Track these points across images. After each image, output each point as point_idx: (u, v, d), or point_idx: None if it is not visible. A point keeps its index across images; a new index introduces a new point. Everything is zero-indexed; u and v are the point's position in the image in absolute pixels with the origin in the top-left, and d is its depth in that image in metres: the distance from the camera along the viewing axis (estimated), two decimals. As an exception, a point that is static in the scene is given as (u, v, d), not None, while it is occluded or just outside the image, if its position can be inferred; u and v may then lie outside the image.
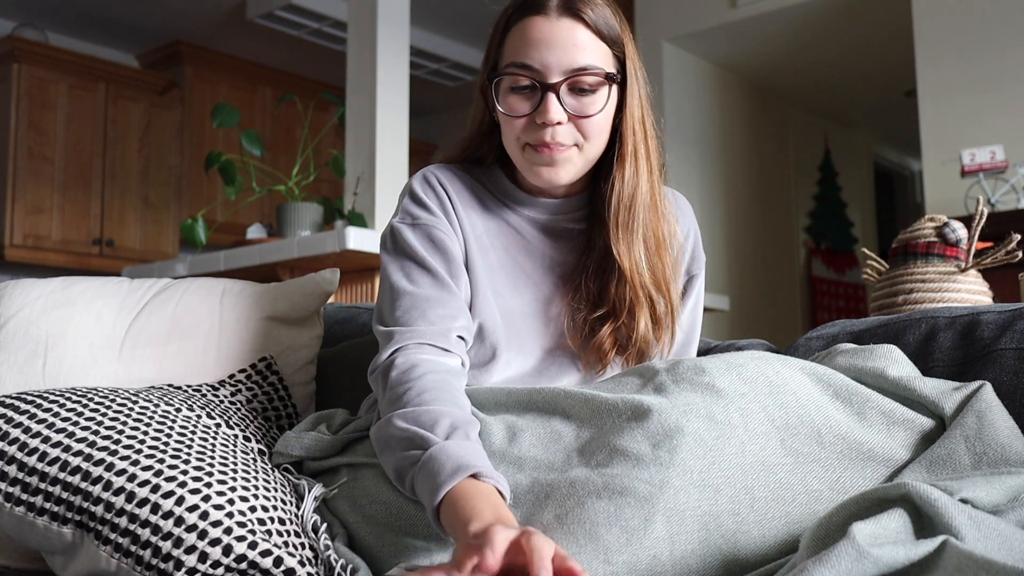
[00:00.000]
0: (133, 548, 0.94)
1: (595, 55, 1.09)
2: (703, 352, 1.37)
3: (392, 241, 1.15)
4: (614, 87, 1.12)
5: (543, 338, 1.16)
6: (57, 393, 1.08)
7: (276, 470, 1.10)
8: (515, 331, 1.14)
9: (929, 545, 0.69)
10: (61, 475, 0.99)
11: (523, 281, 1.17)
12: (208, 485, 0.97)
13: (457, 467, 0.87)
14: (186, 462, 1.00)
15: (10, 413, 1.03)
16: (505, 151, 1.18)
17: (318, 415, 1.18)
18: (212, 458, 1.02)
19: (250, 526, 0.95)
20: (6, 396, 1.07)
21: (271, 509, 0.99)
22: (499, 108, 1.11)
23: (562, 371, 1.16)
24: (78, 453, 1.00)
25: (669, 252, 1.18)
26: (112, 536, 0.95)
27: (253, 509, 0.97)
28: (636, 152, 1.14)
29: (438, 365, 1.03)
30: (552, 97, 1.08)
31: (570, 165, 1.12)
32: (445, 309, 1.08)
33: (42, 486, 0.99)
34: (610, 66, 1.11)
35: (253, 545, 0.93)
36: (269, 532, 0.96)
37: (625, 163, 1.14)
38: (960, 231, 1.76)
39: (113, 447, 1.00)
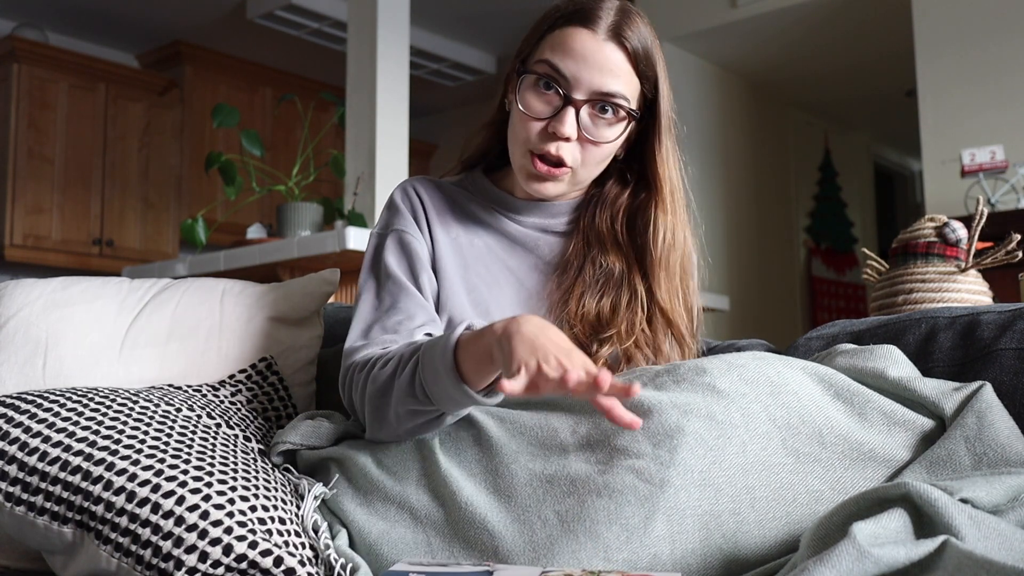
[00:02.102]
0: (133, 548, 0.94)
1: (627, 86, 1.10)
2: (703, 352, 1.37)
3: (368, 254, 1.20)
4: (632, 125, 1.13)
5: None
6: (57, 393, 1.08)
7: (276, 470, 1.10)
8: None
9: (929, 545, 0.69)
10: (61, 475, 0.99)
11: (504, 277, 1.18)
12: (208, 485, 0.97)
13: (452, 329, 0.94)
14: (186, 462, 1.00)
15: (10, 413, 1.03)
16: (500, 148, 1.20)
17: (312, 412, 1.19)
18: (212, 458, 1.03)
19: (250, 526, 0.95)
20: (6, 396, 1.07)
21: (271, 509, 0.99)
22: (517, 104, 1.11)
23: None
24: (79, 453, 1.00)
25: (693, 278, 1.23)
26: (112, 536, 0.95)
27: (253, 509, 0.97)
28: (674, 196, 1.18)
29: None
30: (571, 112, 1.08)
31: (560, 185, 1.14)
32: (402, 314, 1.11)
33: (42, 486, 0.99)
34: (635, 102, 1.12)
35: (253, 545, 0.93)
36: (269, 532, 0.96)
37: (667, 210, 1.17)
38: (960, 231, 1.76)
39: (114, 447, 1.00)
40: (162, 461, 0.99)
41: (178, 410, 1.10)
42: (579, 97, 1.08)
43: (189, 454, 1.02)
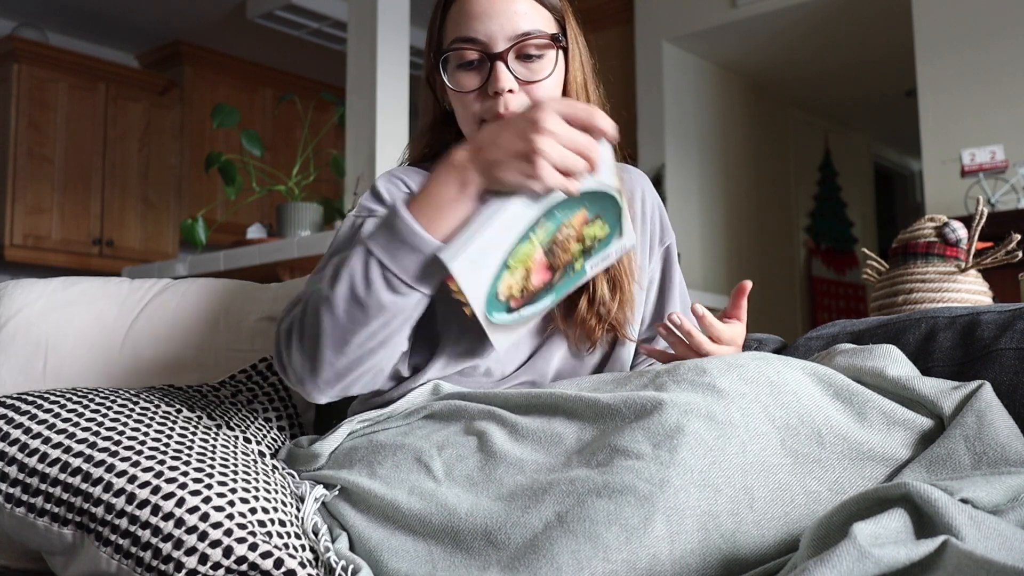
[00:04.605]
0: (133, 549, 0.94)
1: (537, 20, 1.11)
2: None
3: (344, 230, 1.15)
4: (561, 53, 1.13)
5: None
6: (58, 394, 1.08)
7: (277, 471, 1.10)
8: None
9: (930, 545, 0.69)
10: (61, 476, 0.99)
11: None
12: (208, 487, 0.97)
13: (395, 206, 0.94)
14: (187, 463, 1.00)
15: (11, 414, 1.03)
16: (463, 140, 1.18)
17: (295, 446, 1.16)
18: (212, 459, 1.02)
19: (251, 528, 0.95)
20: (7, 396, 1.07)
21: (272, 511, 0.99)
22: (449, 86, 1.12)
23: (552, 350, 1.16)
24: (79, 454, 1.00)
25: None
26: (112, 537, 0.95)
27: (254, 511, 0.97)
28: None
29: None
30: (500, 65, 1.09)
31: None
32: None
33: (42, 487, 0.99)
34: (553, 29, 1.12)
35: (254, 547, 0.93)
36: (270, 534, 0.96)
37: None
38: (960, 231, 1.76)
39: (114, 448, 1.00)
40: (162, 463, 0.99)
41: (178, 411, 1.10)
42: (500, 49, 1.09)
43: (189, 455, 1.02)
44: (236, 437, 1.12)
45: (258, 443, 1.15)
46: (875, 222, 6.70)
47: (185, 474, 0.98)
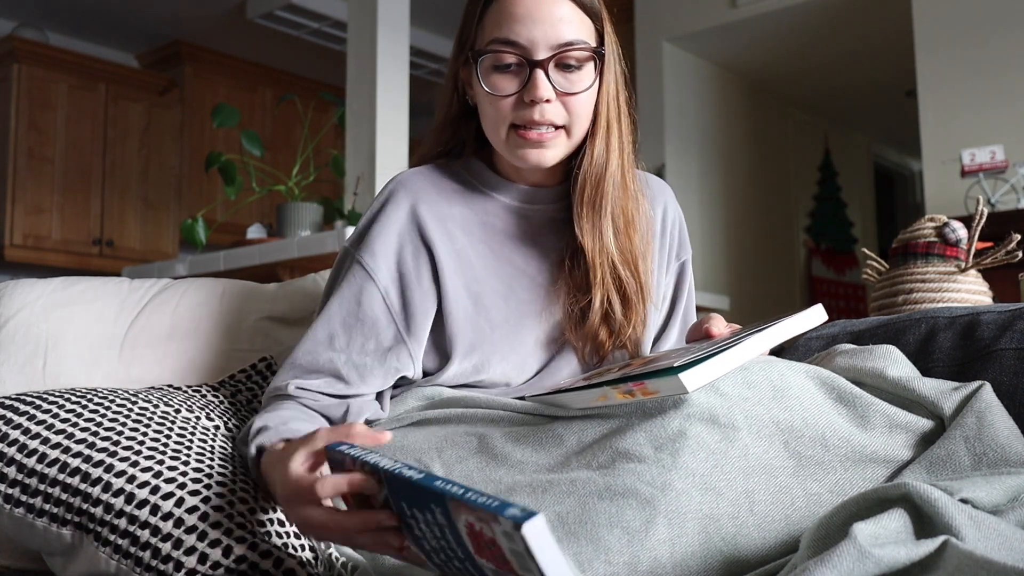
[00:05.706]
0: (132, 549, 0.94)
1: (580, 29, 1.08)
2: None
3: (335, 272, 1.15)
4: (599, 64, 1.10)
5: (543, 334, 1.15)
6: (57, 394, 1.08)
7: (276, 470, 1.10)
8: (510, 342, 1.13)
9: (930, 545, 0.69)
10: (60, 476, 0.98)
11: (519, 281, 1.15)
12: (208, 486, 0.97)
13: (251, 443, 0.98)
14: (185, 463, 1.00)
15: (9, 414, 1.03)
16: (482, 138, 1.16)
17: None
18: (212, 459, 1.02)
19: (250, 527, 0.95)
20: (5, 397, 1.07)
21: (271, 510, 0.99)
22: (483, 87, 1.09)
23: (562, 363, 1.15)
24: (77, 454, 0.99)
25: (638, 231, 1.16)
26: (111, 537, 0.95)
27: (253, 511, 0.97)
28: (609, 127, 1.13)
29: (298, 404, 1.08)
30: (540, 74, 1.06)
31: (557, 148, 1.11)
32: (341, 355, 1.10)
33: (41, 487, 0.99)
34: (594, 41, 1.10)
35: (253, 546, 0.93)
36: (269, 533, 0.96)
37: (597, 138, 1.12)
38: (960, 231, 1.76)
39: (112, 448, 1.00)
40: (161, 463, 0.99)
41: (177, 411, 1.10)
42: (542, 57, 1.06)
43: (188, 455, 1.01)
44: (236, 437, 1.12)
45: (258, 443, 1.15)
46: (875, 222, 6.69)
47: (184, 474, 0.98)
